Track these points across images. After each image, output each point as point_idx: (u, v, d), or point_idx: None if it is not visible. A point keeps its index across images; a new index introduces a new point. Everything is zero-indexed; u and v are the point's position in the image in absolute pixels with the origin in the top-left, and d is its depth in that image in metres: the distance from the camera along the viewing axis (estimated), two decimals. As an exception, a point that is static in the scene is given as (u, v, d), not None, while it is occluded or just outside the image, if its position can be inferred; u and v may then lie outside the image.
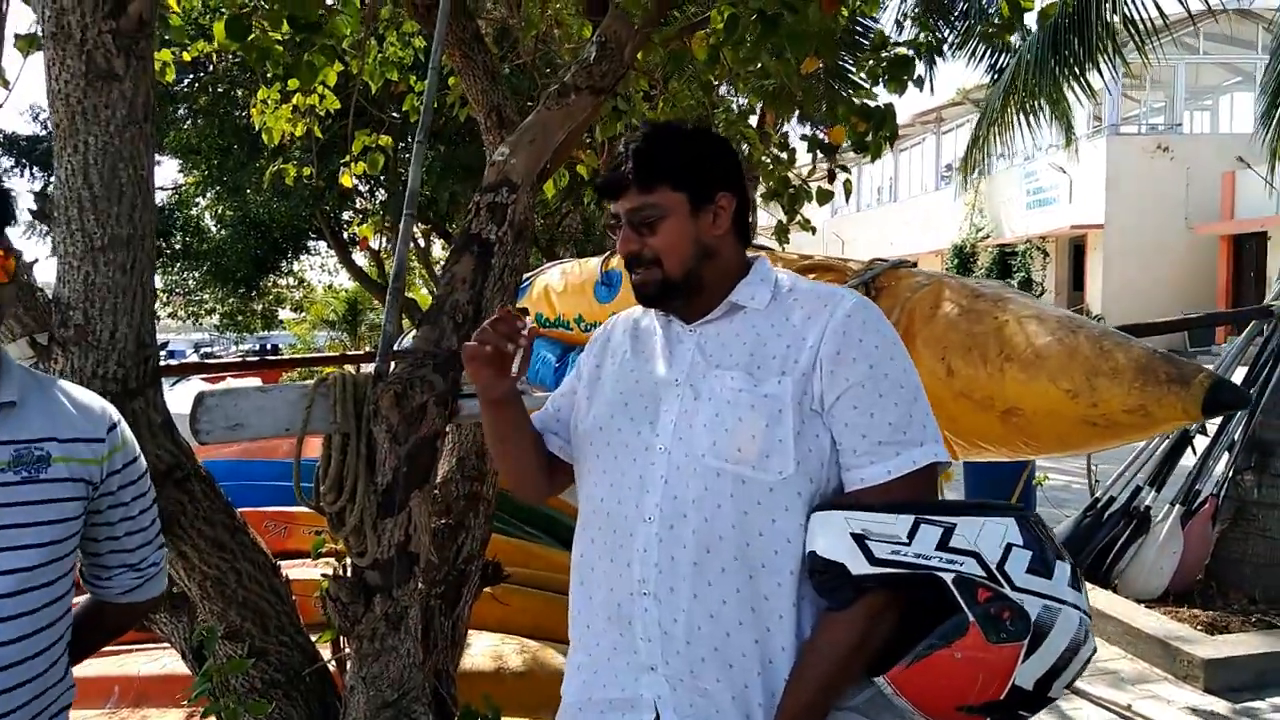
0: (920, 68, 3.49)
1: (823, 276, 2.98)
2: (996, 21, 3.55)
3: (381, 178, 11.69)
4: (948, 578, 1.19)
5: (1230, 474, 4.38)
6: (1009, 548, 1.20)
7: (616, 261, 3.67)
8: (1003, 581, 1.18)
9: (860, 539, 1.24)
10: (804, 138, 3.75)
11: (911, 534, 1.22)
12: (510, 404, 1.56)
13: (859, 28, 8.01)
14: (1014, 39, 10.31)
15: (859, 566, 1.23)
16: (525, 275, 4.34)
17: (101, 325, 1.84)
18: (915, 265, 3.06)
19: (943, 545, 1.21)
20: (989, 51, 10.36)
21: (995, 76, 10.55)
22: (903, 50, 3.41)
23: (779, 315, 1.43)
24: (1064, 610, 1.18)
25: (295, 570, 3.17)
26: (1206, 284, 20.95)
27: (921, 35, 3.85)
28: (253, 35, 2.91)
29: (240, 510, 2.17)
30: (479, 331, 1.45)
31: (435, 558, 2.71)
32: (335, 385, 2.01)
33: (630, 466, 1.43)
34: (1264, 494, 4.28)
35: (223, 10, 2.98)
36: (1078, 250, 23.55)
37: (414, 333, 2.31)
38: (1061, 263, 24.05)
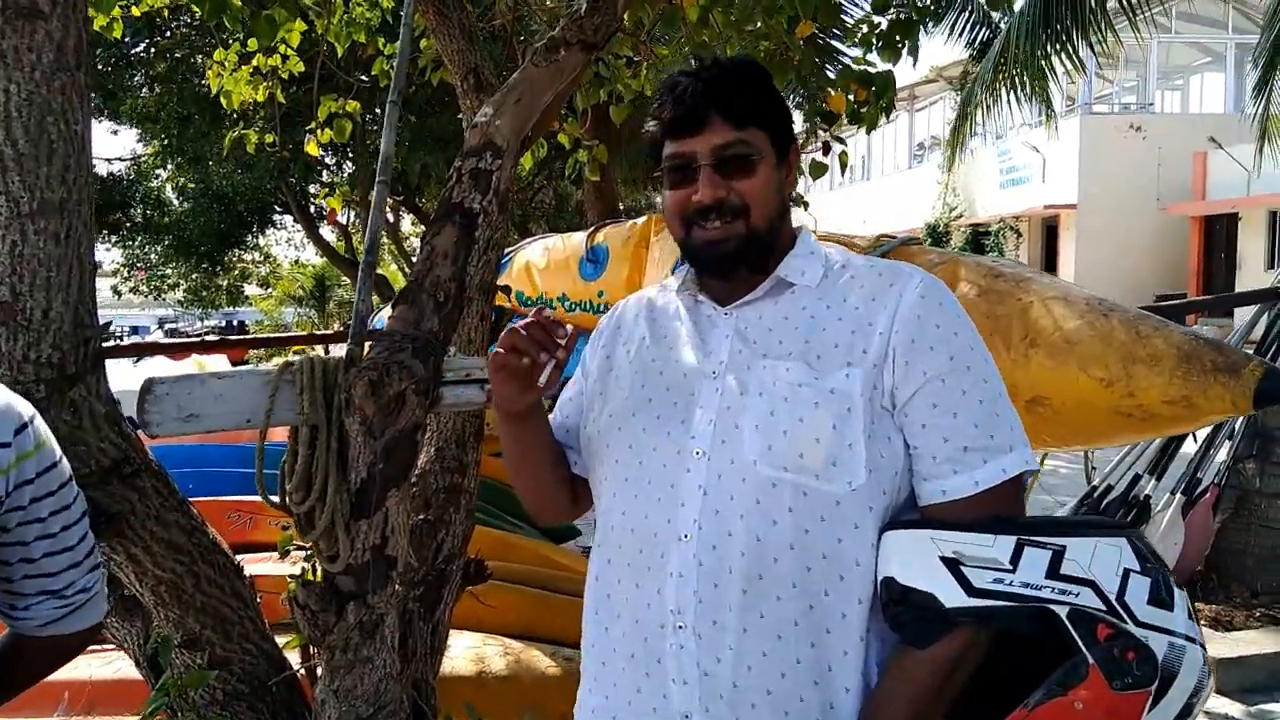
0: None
1: (826, 253, 2.80)
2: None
3: (349, 147, 11.34)
4: (1061, 612, 1.01)
5: (1231, 462, 4.27)
6: (1127, 574, 1.02)
7: (603, 236, 3.46)
8: (1124, 616, 1.00)
9: (954, 564, 1.05)
10: (799, 107, 3.56)
11: (1015, 559, 1.04)
12: (534, 420, 1.36)
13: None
14: (996, 14, 10.18)
15: (953, 598, 1.04)
16: (507, 251, 4.12)
17: (33, 303, 1.61)
18: (921, 242, 2.89)
19: (1053, 573, 1.02)
20: (969, 26, 10.21)
21: (975, 53, 10.41)
22: (911, 7, 3.21)
23: (835, 295, 1.23)
24: (1189, 648, 1.01)
25: (261, 566, 2.97)
26: (1179, 264, 21.09)
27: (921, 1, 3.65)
28: (208, -15, 2.66)
29: (200, 500, 1.95)
30: (508, 335, 1.23)
31: (414, 558, 2.52)
32: (302, 371, 1.80)
33: (659, 474, 1.21)
34: (1267, 483, 4.18)
35: (175, -43, 2.72)
36: (1050, 230, 23.61)
37: (387, 311, 2.09)
38: (1034, 242, 24.11)
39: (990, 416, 1.14)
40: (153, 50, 10.72)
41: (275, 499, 1.83)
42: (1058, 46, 6.17)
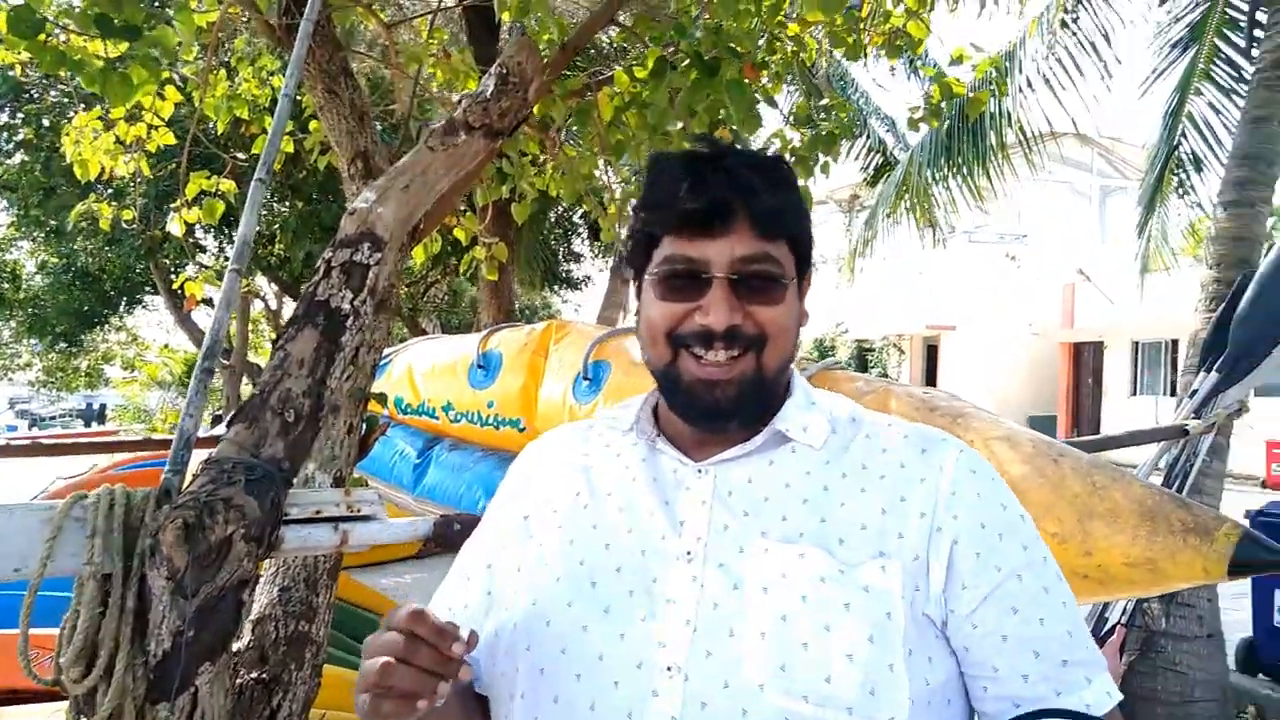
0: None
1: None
2: (924, 106, 3.30)
3: (229, 230, 10.78)
4: None
5: (1137, 601, 4.15)
6: None
7: (496, 342, 3.15)
8: None
9: None
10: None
11: None
12: None
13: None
14: (890, 140, 10.56)
15: None
16: (387, 352, 3.75)
17: None
18: (845, 367, 2.68)
19: None
20: (864, 152, 10.54)
21: (868, 178, 10.74)
22: (829, 126, 3.09)
23: (849, 461, 0.95)
24: None
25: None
26: (1050, 386, 22.07)
27: (842, 117, 3.56)
28: (48, 36, 2.29)
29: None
30: (379, 669, 0.81)
31: (242, 720, 2.06)
32: (96, 508, 1.39)
33: (608, 696, 0.85)
34: (1173, 624, 4.05)
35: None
36: (931, 349, 24.46)
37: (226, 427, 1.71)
38: (916, 360, 24.92)
39: (1075, 623, 0.89)
40: (19, 115, 10.03)
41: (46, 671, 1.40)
42: (957, 177, 6.32)
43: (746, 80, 2.37)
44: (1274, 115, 4.57)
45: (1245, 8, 5.88)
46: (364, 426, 2.47)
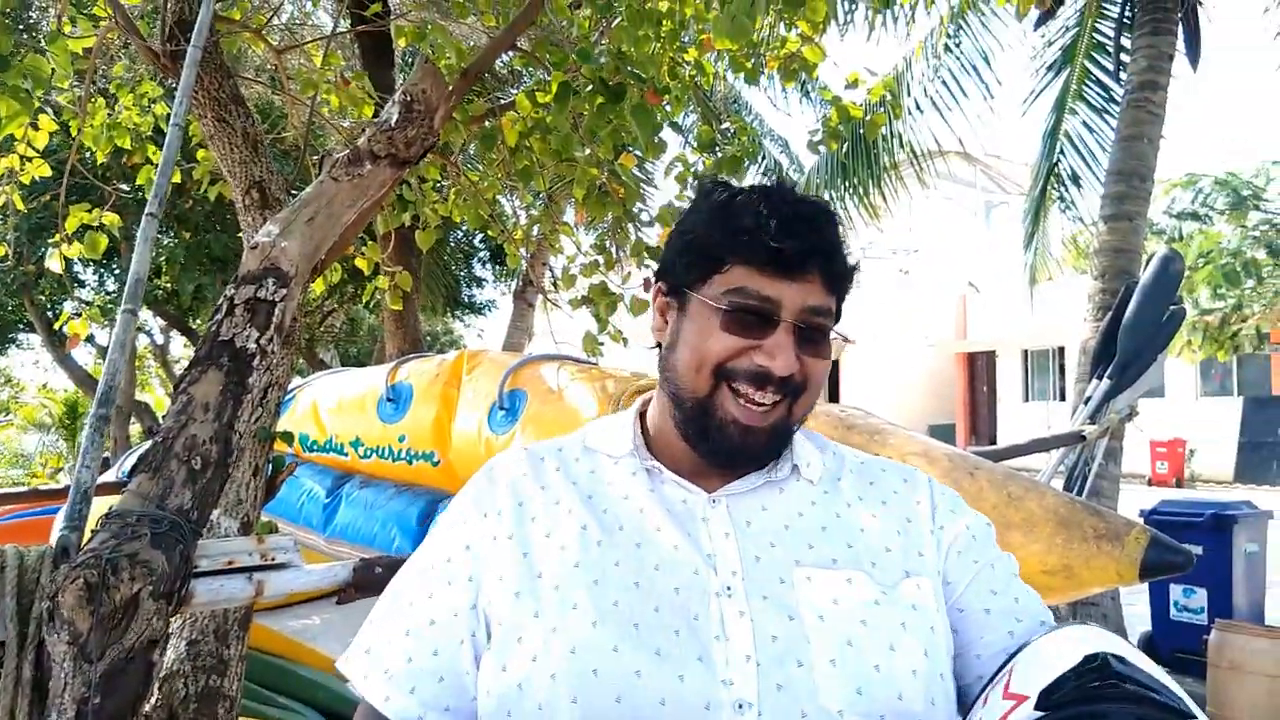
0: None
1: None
2: (822, 129, 3.37)
3: (112, 264, 10.28)
4: None
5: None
6: None
7: (406, 374, 3.07)
8: None
9: None
10: (617, 241, 3.37)
11: None
12: None
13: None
14: (784, 161, 10.80)
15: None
16: (290, 388, 3.61)
17: None
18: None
19: None
20: (762, 173, 10.75)
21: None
22: (733, 149, 3.12)
23: (847, 491, 0.99)
24: None
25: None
26: (947, 396, 22.83)
27: (744, 140, 3.62)
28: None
29: None
30: None
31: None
32: (-16, 571, 1.29)
33: None
34: (1080, 621, 4.21)
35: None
36: (834, 363, 25.08)
37: (128, 475, 1.61)
38: (818, 374, 25.52)
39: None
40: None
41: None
42: (854, 197, 6.50)
43: (650, 105, 2.39)
44: (1144, 134, 4.85)
45: (1111, 33, 6.23)
46: (270, 467, 2.37)
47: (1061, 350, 19.69)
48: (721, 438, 0.92)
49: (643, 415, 1.04)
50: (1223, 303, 14.87)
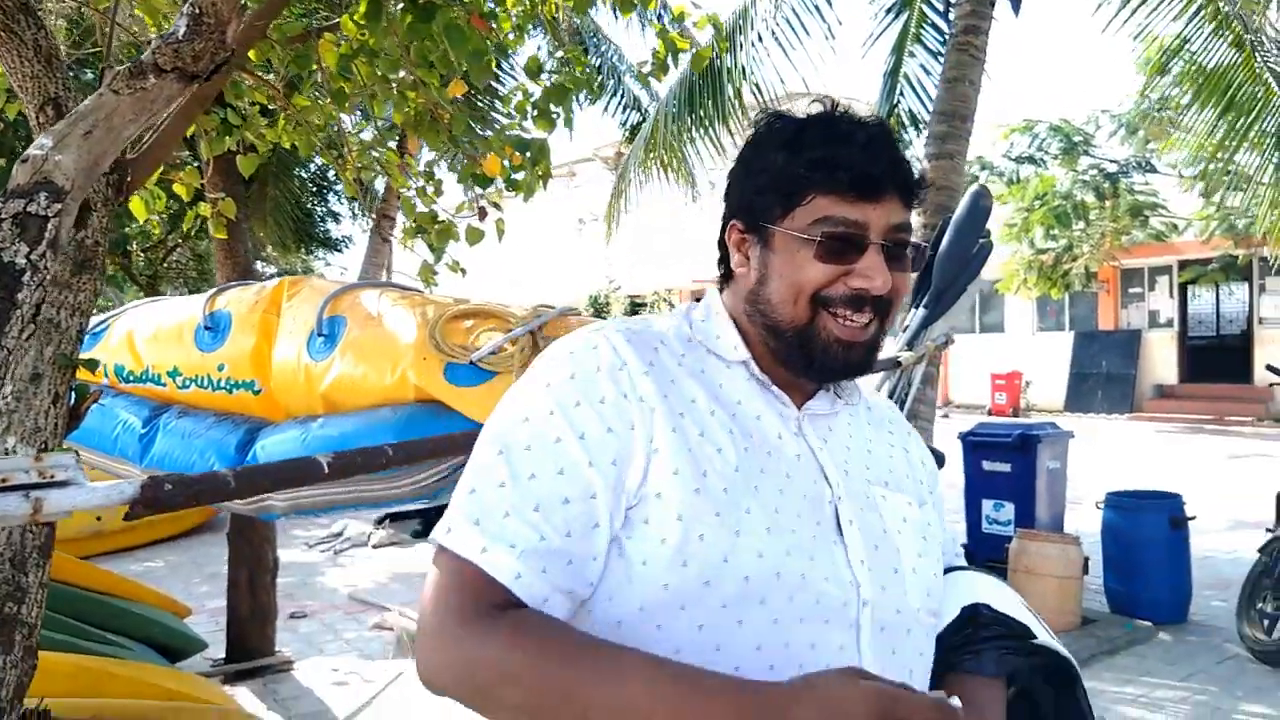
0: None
1: (483, 323, 2.59)
2: (652, 61, 3.43)
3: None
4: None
5: None
6: None
7: (224, 301, 3.00)
8: None
9: (1034, 612, 1.09)
10: (453, 169, 3.37)
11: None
12: None
13: (498, 69, 7.81)
14: (644, 97, 10.82)
15: (1041, 635, 1.04)
16: (103, 317, 3.48)
17: None
18: (580, 313, 2.78)
19: None
20: (621, 108, 10.75)
21: (627, 134, 10.97)
22: (562, 78, 3.15)
23: (872, 419, 1.12)
24: None
25: None
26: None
27: (578, 70, 3.64)
28: None
29: None
30: None
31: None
32: None
33: (825, 634, 0.90)
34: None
35: None
36: (698, 300, 25.53)
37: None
38: (684, 312, 25.96)
39: None
40: None
41: None
42: (701, 131, 6.59)
43: (466, 27, 2.38)
44: (966, 76, 5.11)
45: (944, -23, 6.48)
46: (73, 395, 2.31)
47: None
48: (827, 358, 0.96)
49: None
50: (1055, 243, 15.87)
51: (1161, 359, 18.30)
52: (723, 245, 1.08)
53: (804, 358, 0.98)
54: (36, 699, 2.24)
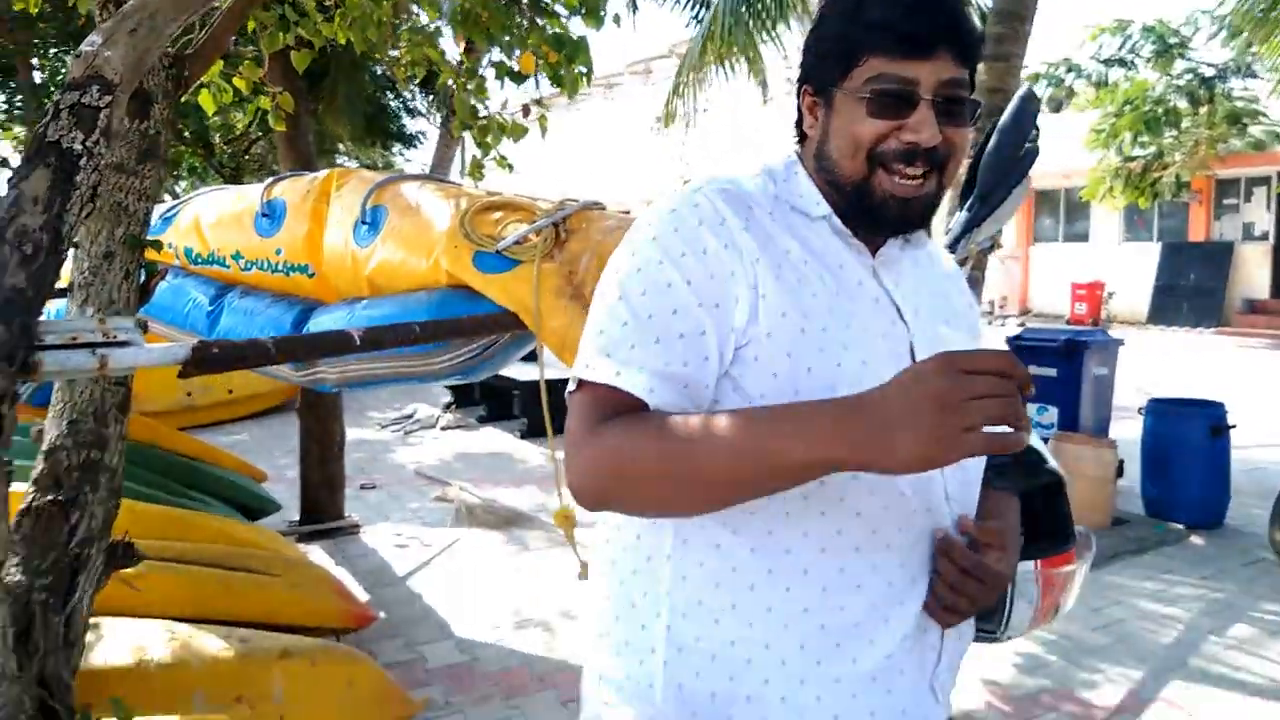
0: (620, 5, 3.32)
1: (511, 215, 2.77)
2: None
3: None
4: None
5: None
6: None
7: (280, 190, 3.24)
8: None
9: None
10: (492, 64, 3.50)
11: None
12: None
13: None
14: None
15: (1050, 461, 1.29)
16: (173, 203, 3.76)
17: None
18: (605, 207, 2.93)
19: None
20: (689, 3, 10.56)
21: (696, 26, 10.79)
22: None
23: (933, 259, 1.19)
24: None
25: None
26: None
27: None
28: None
29: None
30: (1005, 403, 0.82)
31: (39, 542, 2.24)
32: None
33: (910, 482, 1.04)
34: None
35: None
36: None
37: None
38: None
39: None
40: None
41: None
42: (759, 26, 6.50)
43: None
44: (1029, -26, 4.94)
45: None
46: (143, 273, 2.58)
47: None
48: (884, 211, 1.03)
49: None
50: (1144, 151, 15.16)
51: (1254, 273, 17.55)
52: (800, 109, 1.14)
53: (863, 212, 1.05)
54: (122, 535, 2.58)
